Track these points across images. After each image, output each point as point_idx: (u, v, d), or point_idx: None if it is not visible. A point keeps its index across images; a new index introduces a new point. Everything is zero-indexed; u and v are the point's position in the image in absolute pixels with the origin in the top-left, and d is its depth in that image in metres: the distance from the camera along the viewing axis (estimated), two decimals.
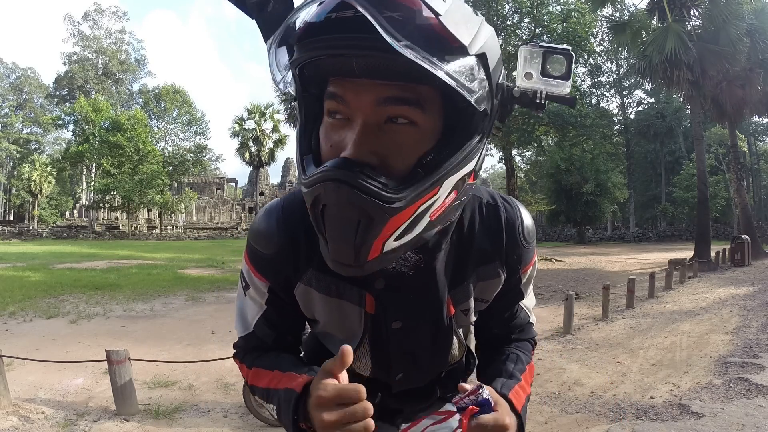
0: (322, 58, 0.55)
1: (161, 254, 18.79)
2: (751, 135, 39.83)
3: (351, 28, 0.51)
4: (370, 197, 0.53)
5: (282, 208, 0.75)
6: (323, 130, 0.61)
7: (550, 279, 11.38)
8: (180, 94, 41.98)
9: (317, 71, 0.58)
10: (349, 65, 0.54)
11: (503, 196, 0.80)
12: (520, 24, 17.85)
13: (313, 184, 0.55)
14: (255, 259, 0.76)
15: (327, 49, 0.54)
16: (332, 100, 0.58)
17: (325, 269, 0.72)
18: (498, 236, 0.76)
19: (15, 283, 9.60)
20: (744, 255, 14.50)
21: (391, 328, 0.76)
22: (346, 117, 0.58)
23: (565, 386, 3.88)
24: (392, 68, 0.53)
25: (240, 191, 55.63)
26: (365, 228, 0.55)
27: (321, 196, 0.55)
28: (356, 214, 0.54)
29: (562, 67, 0.60)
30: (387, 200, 0.54)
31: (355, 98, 0.56)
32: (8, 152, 44.05)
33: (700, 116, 16.91)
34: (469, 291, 0.77)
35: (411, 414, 0.93)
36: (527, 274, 0.82)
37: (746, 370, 4.16)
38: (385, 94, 0.56)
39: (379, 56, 0.52)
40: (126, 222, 37.29)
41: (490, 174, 65.95)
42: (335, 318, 0.77)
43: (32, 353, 4.42)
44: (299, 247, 0.73)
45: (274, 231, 0.73)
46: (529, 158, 32.76)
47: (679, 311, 7.20)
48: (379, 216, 0.54)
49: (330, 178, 0.54)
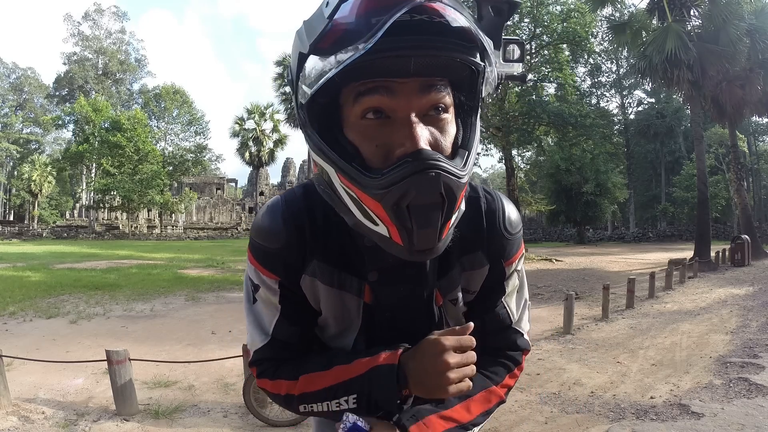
0: (381, 59, 0.57)
1: (161, 254, 18.79)
2: (751, 135, 39.79)
3: (409, 31, 0.56)
4: (455, 177, 0.59)
5: (285, 203, 0.76)
6: (359, 132, 0.62)
7: (550, 279, 11.37)
8: (180, 94, 42.00)
9: (354, 73, 0.58)
10: (406, 65, 0.58)
11: (485, 189, 0.82)
12: (520, 24, 17.84)
13: (397, 180, 0.57)
14: (262, 257, 0.76)
15: (406, 50, 0.57)
16: (374, 98, 0.60)
17: (328, 260, 0.75)
18: (478, 224, 0.78)
19: (15, 283, 9.61)
20: (744, 255, 14.50)
21: (384, 318, 0.78)
22: (387, 116, 0.61)
23: (565, 386, 3.88)
24: (437, 65, 0.60)
25: (240, 191, 55.63)
26: (449, 207, 0.60)
27: (410, 190, 0.57)
28: (442, 197, 0.59)
29: (517, 53, 0.71)
30: (461, 176, 0.60)
31: (405, 95, 0.60)
32: (8, 152, 44.07)
33: (700, 116, 16.91)
34: (456, 280, 0.79)
35: None
36: (512, 267, 0.82)
37: (746, 370, 4.16)
38: (428, 86, 0.61)
39: (443, 56, 0.58)
40: (126, 222, 37.29)
41: (490, 174, 65.97)
42: (336, 308, 0.78)
43: (32, 353, 4.42)
44: (304, 239, 0.74)
45: (280, 225, 0.74)
46: (529, 158, 32.78)
47: (679, 311, 7.19)
48: (459, 192, 0.61)
49: (420, 169, 0.57)
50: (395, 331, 0.79)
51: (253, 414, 3.17)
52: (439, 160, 0.58)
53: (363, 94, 0.60)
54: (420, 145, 0.58)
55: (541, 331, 5.78)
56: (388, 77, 0.59)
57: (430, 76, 0.60)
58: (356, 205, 0.62)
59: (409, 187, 0.57)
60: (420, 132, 0.59)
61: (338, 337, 0.82)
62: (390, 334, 0.79)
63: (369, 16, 0.55)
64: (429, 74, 0.60)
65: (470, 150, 0.65)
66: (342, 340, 0.81)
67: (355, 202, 0.62)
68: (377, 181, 0.58)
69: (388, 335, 0.79)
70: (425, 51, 0.57)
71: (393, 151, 0.60)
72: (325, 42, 0.58)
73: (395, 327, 0.79)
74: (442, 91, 0.62)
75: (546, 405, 3.47)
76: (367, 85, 0.59)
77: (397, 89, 0.59)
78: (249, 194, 50.04)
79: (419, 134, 0.59)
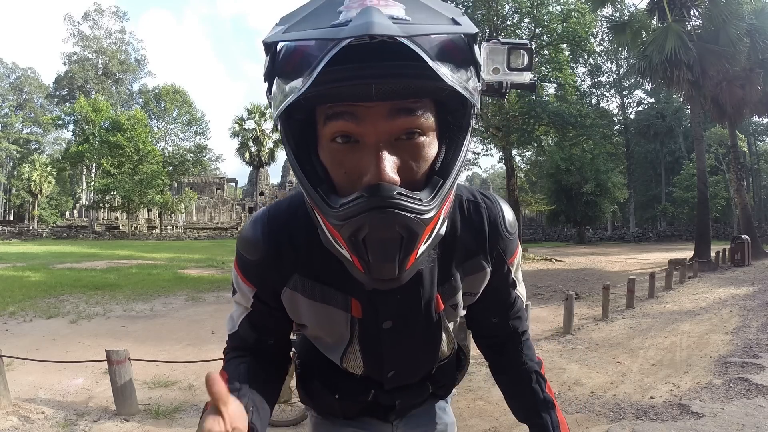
0: (339, 86, 0.53)
1: (161, 254, 18.79)
2: (751, 135, 39.80)
3: (370, 56, 0.51)
4: (413, 215, 0.55)
5: (268, 216, 0.76)
6: (329, 156, 0.59)
7: (550, 279, 11.37)
8: (180, 94, 42.02)
9: (316, 98, 0.55)
10: (367, 91, 0.54)
11: (482, 192, 0.82)
12: (520, 24, 17.84)
13: (352, 216, 0.55)
14: (242, 265, 0.78)
15: (352, 79, 0.52)
16: (339, 123, 0.57)
17: (310, 275, 0.75)
18: (481, 232, 0.78)
19: (15, 283, 9.60)
20: (744, 255, 14.50)
21: (383, 328, 0.78)
22: (355, 140, 0.57)
23: (565, 386, 3.88)
24: (407, 88, 0.55)
25: (240, 191, 55.63)
26: (408, 243, 0.57)
27: (365, 226, 0.55)
28: (400, 234, 0.56)
29: (524, 60, 0.65)
30: (423, 212, 0.56)
31: (371, 120, 0.56)
32: (8, 152, 44.08)
33: (700, 116, 16.91)
34: (456, 286, 0.79)
35: (404, 410, 0.94)
36: (514, 263, 0.85)
37: (746, 370, 4.15)
38: (397, 111, 0.56)
39: (406, 82, 0.53)
40: (126, 222, 37.30)
41: (490, 174, 66.01)
42: (322, 322, 0.78)
43: (32, 353, 4.42)
44: (283, 254, 0.75)
45: (259, 238, 0.75)
46: (529, 158, 32.72)
47: (679, 311, 7.19)
48: (420, 229, 0.56)
49: (375, 206, 0.54)
50: (395, 340, 0.79)
51: None
52: (396, 198, 0.54)
53: (330, 118, 0.57)
54: (382, 175, 0.55)
55: (541, 331, 5.78)
56: (352, 102, 0.55)
57: (398, 100, 0.55)
58: (324, 227, 0.61)
59: (362, 223, 0.55)
60: (385, 160, 0.55)
61: (332, 348, 0.83)
62: (389, 344, 0.80)
63: (325, 43, 0.51)
64: (397, 98, 0.55)
65: (447, 177, 0.59)
66: (335, 351, 0.83)
67: (323, 224, 0.61)
68: (335, 211, 0.56)
69: (388, 344, 0.80)
70: (382, 79, 0.53)
71: (360, 179, 0.57)
72: (282, 66, 0.56)
73: (395, 336, 0.79)
74: (415, 113, 0.57)
75: None
76: (334, 109, 0.56)
77: (363, 114, 0.56)
78: (249, 194, 50.05)
79: (384, 163, 0.55)
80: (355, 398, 0.90)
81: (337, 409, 0.92)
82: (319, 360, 0.88)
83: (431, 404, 1.00)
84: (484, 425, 3.06)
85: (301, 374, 0.96)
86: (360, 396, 0.89)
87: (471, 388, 3.76)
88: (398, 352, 0.82)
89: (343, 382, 0.89)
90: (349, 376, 0.88)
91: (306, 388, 0.95)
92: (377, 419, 0.94)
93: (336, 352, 0.83)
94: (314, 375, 0.93)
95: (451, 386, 1.01)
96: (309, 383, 0.94)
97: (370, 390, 0.88)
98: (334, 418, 0.94)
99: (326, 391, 0.91)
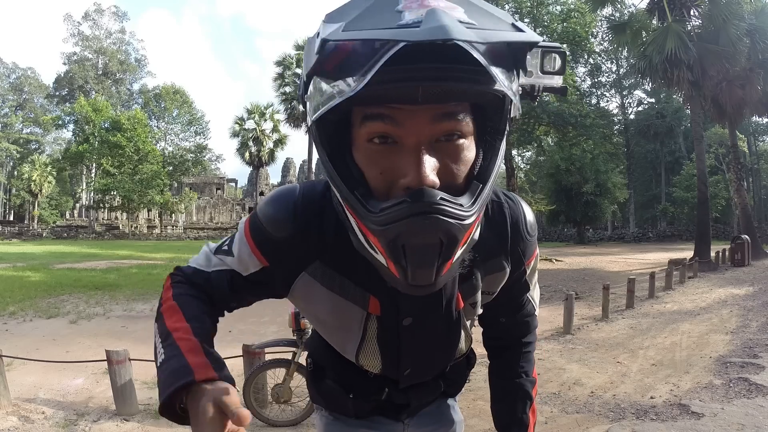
0: (391, 87, 0.52)
1: (161, 254, 18.80)
2: (751, 135, 39.78)
3: (421, 57, 0.49)
4: (455, 220, 0.54)
5: (302, 197, 0.74)
6: (364, 157, 0.58)
7: (550, 279, 11.37)
8: (180, 94, 42.07)
9: (359, 99, 0.53)
10: (413, 93, 0.53)
11: (505, 192, 0.82)
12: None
13: (394, 221, 0.54)
14: (259, 239, 0.75)
15: (405, 81, 0.51)
16: (378, 124, 0.56)
17: (332, 264, 0.74)
18: (503, 233, 0.79)
19: (15, 283, 9.61)
20: (744, 255, 14.50)
21: (402, 324, 0.78)
22: (393, 140, 0.57)
23: (565, 386, 3.88)
24: (452, 91, 0.54)
25: (240, 191, 55.60)
26: (447, 249, 0.56)
27: (406, 231, 0.54)
28: (440, 239, 0.55)
29: (558, 63, 0.64)
30: (465, 218, 0.55)
31: (413, 123, 0.55)
32: (8, 152, 44.06)
33: (700, 116, 16.91)
34: (477, 285, 0.79)
35: (416, 409, 0.95)
36: (531, 265, 0.86)
37: (746, 370, 4.16)
38: (441, 115, 0.56)
39: (460, 86, 0.52)
40: (126, 222, 37.30)
41: None
42: (336, 314, 0.78)
43: (32, 353, 4.42)
44: (310, 238, 0.73)
45: (290, 217, 0.72)
46: (529, 158, 32.82)
47: (679, 311, 7.20)
48: (461, 235, 0.56)
49: (419, 212, 0.53)
50: (414, 337, 0.79)
51: (252, 414, 3.17)
52: (440, 203, 0.53)
53: (368, 119, 0.56)
54: (424, 179, 0.54)
55: (541, 331, 5.78)
56: (397, 104, 0.54)
57: (443, 103, 0.55)
58: (359, 231, 0.60)
59: (405, 229, 0.54)
60: (426, 163, 0.55)
61: (347, 345, 0.82)
62: (408, 341, 0.80)
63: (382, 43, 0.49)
64: (442, 101, 0.54)
65: (486, 182, 0.59)
66: (350, 348, 0.82)
67: (357, 228, 0.60)
68: (375, 216, 0.55)
69: (407, 342, 0.80)
70: (433, 82, 0.51)
71: (397, 180, 0.56)
72: (327, 65, 0.53)
73: (415, 333, 0.79)
74: (457, 117, 0.56)
75: (546, 405, 3.47)
76: (373, 110, 0.56)
77: (404, 117, 0.55)
78: (249, 194, 50.03)
79: (425, 166, 0.54)
80: (369, 397, 0.90)
81: (350, 408, 0.91)
82: (333, 359, 0.88)
83: (441, 402, 1.00)
84: (484, 425, 3.06)
85: (313, 373, 0.95)
86: (374, 395, 0.89)
87: (471, 388, 3.76)
88: (416, 349, 0.82)
89: (357, 380, 0.89)
90: (363, 375, 0.87)
91: (318, 387, 0.95)
92: (389, 418, 0.94)
93: (351, 349, 0.82)
94: (327, 374, 0.93)
95: (461, 384, 1.02)
96: (321, 382, 0.94)
97: (384, 389, 0.88)
98: (346, 417, 0.94)
99: (339, 390, 0.91)
